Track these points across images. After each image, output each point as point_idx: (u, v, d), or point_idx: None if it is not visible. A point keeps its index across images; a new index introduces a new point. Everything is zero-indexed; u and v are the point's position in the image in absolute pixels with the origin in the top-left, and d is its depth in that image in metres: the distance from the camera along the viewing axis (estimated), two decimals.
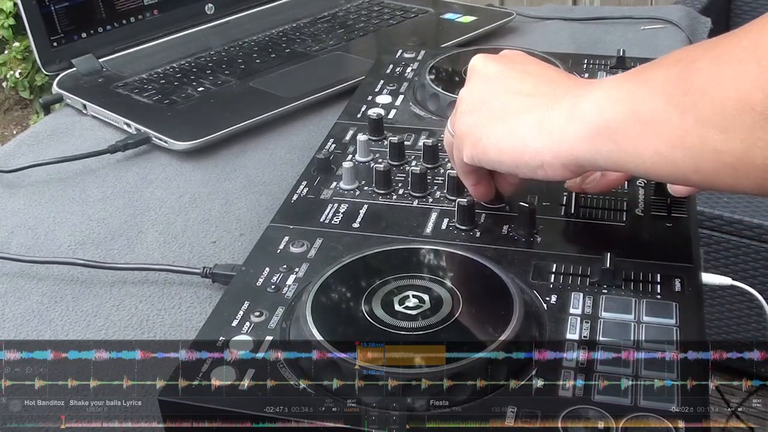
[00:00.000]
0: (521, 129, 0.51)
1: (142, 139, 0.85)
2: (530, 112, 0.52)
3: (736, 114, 0.41)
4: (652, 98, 0.45)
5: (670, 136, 0.44)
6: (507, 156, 0.52)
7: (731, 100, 0.41)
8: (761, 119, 0.40)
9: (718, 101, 0.41)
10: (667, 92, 0.44)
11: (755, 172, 0.42)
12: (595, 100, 0.48)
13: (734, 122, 0.41)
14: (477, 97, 0.56)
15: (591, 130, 0.48)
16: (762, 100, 0.40)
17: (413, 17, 1.12)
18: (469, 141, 0.55)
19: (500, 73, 0.56)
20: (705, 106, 0.42)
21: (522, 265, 0.54)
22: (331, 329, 0.48)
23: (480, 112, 0.55)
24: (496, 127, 0.53)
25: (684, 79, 0.43)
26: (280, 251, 0.57)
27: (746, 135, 0.41)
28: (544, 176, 0.51)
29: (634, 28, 1.10)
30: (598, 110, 0.47)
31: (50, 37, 0.98)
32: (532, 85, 0.54)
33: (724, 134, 0.42)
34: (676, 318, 0.49)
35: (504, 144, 0.52)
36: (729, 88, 0.41)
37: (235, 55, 1.03)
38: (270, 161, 0.82)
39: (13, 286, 0.66)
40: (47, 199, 0.78)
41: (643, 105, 0.45)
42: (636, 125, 0.46)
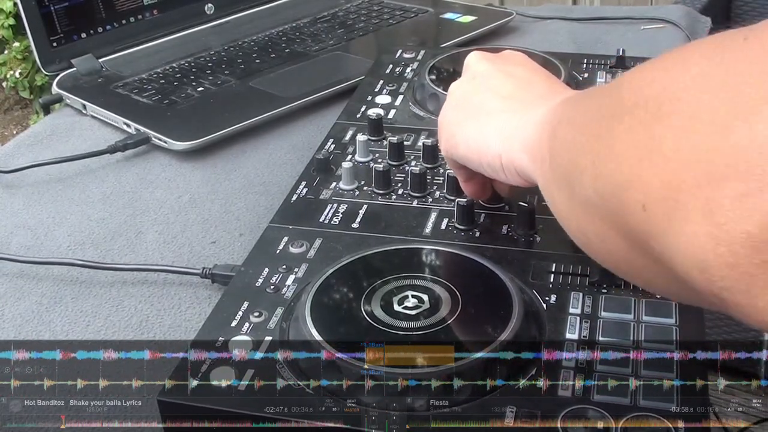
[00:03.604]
0: (488, 130, 0.52)
1: (141, 139, 0.85)
2: (500, 115, 0.52)
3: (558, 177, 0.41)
4: (546, 135, 0.45)
5: (545, 177, 0.44)
6: (473, 153, 0.53)
7: (557, 162, 0.41)
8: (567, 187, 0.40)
9: (556, 158, 0.42)
10: (547, 135, 0.44)
11: (573, 233, 0.42)
12: (535, 116, 0.47)
13: (556, 184, 0.42)
14: (462, 92, 0.57)
15: (522, 145, 0.48)
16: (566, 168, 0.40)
17: (413, 17, 1.12)
18: (445, 135, 0.56)
19: (487, 72, 0.56)
20: (552, 161, 0.43)
21: (521, 265, 0.54)
22: (330, 329, 0.48)
23: (461, 108, 0.55)
24: (468, 125, 0.54)
25: (555, 129, 0.43)
26: (279, 251, 0.57)
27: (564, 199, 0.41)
28: (506, 180, 0.51)
29: (634, 28, 1.10)
30: (531, 127, 0.47)
31: (50, 37, 0.98)
32: (512, 87, 0.54)
33: (557, 193, 0.42)
34: (675, 318, 0.49)
35: (472, 142, 0.53)
36: (560, 149, 0.41)
37: (235, 55, 1.03)
38: (269, 161, 0.82)
39: (13, 286, 0.66)
40: (47, 200, 0.78)
41: (540, 139, 0.45)
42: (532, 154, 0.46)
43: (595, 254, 0.41)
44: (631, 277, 0.41)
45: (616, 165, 0.34)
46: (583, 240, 0.41)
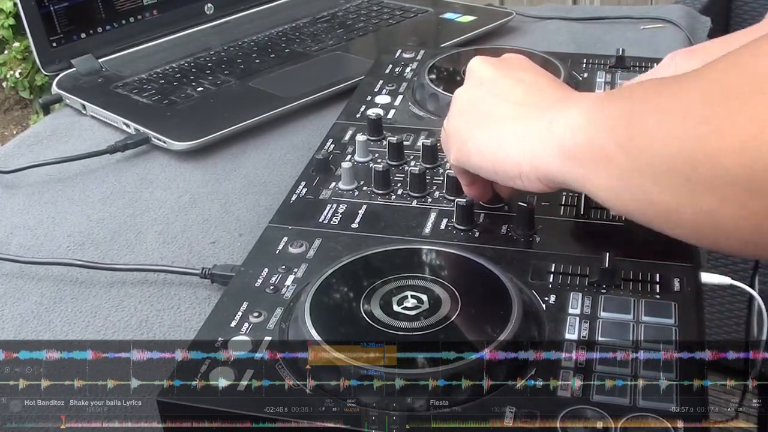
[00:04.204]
0: (504, 137, 0.52)
1: (141, 139, 0.85)
2: (515, 121, 0.52)
3: (667, 170, 0.41)
4: (604, 133, 0.45)
5: (617, 175, 0.44)
6: (488, 162, 0.53)
7: (664, 155, 0.41)
8: (685, 179, 0.40)
9: (655, 153, 0.41)
10: (617, 131, 0.44)
11: (686, 225, 0.42)
12: (567, 120, 0.47)
13: (666, 177, 0.41)
14: (469, 99, 0.56)
15: (560, 151, 0.48)
16: (688, 160, 0.39)
17: (413, 17, 1.12)
18: (456, 143, 0.55)
19: (494, 77, 0.56)
20: (643, 155, 0.42)
21: (521, 265, 0.54)
22: (329, 329, 0.48)
23: (469, 115, 0.55)
24: (481, 132, 0.53)
25: (631, 123, 0.43)
26: (278, 251, 0.57)
27: (675, 192, 0.41)
28: (522, 186, 0.52)
29: (633, 28, 1.10)
30: (569, 131, 0.47)
31: (50, 37, 0.98)
32: (523, 93, 0.54)
33: (657, 186, 0.42)
34: (675, 318, 0.49)
35: (486, 150, 0.53)
36: (663, 143, 0.41)
37: (235, 55, 1.03)
38: (269, 161, 0.82)
39: (13, 286, 0.66)
40: (47, 200, 0.78)
41: (597, 138, 0.45)
42: (592, 156, 0.46)
43: (721, 237, 0.41)
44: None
45: None
46: (703, 224, 0.41)
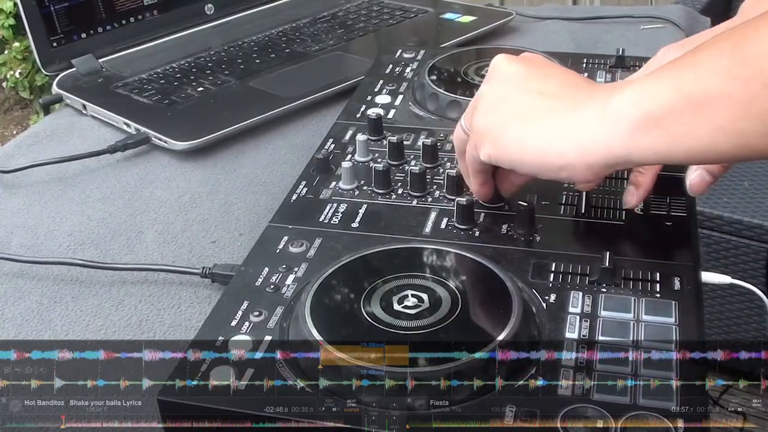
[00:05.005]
0: (546, 129, 0.51)
1: (141, 139, 0.85)
2: (556, 113, 0.51)
3: None
4: (705, 78, 0.45)
5: (734, 109, 0.44)
6: (530, 156, 0.52)
7: None
8: None
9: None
10: (722, 68, 0.44)
11: None
12: (628, 96, 0.48)
13: None
14: (498, 95, 0.55)
15: (629, 125, 0.48)
16: None
17: (413, 17, 1.12)
18: (489, 139, 0.54)
19: (523, 73, 0.55)
20: (761, 73, 0.43)
21: (521, 264, 0.54)
22: (330, 329, 0.48)
23: (501, 111, 0.54)
24: (519, 127, 0.53)
25: (739, 52, 0.44)
26: (279, 251, 0.57)
27: None
28: (567, 178, 0.52)
29: (633, 28, 1.10)
30: (634, 105, 0.48)
31: (50, 38, 0.98)
32: (557, 87, 0.53)
33: None
34: (675, 317, 0.49)
35: (527, 143, 0.52)
36: None
37: (235, 55, 1.03)
38: (269, 161, 0.82)
39: (13, 286, 0.66)
40: (47, 200, 0.78)
41: (696, 86, 0.45)
42: (689, 107, 0.46)
43: None
44: None
45: None
46: None
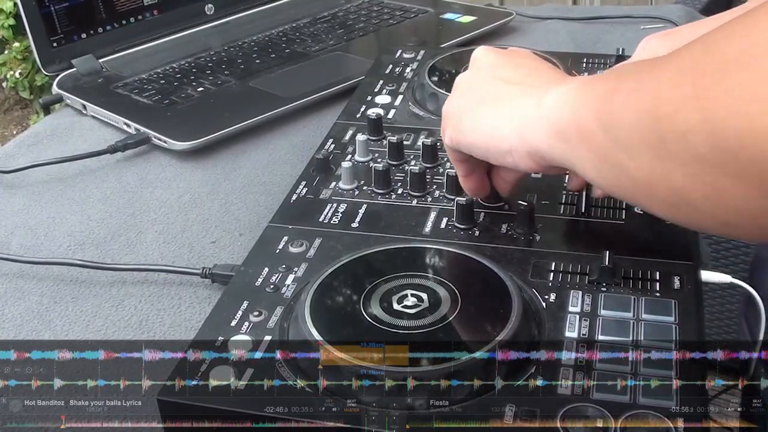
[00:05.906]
0: (498, 114, 0.52)
1: (141, 139, 0.85)
2: (510, 100, 0.52)
3: (640, 144, 0.41)
4: (587, 110, 0.45)
5: (598, 151, 0.45)
6: (480, 139, 0.53)
7: (637, 130, 0.41)
8: (656, 155, 0.40)
9: (628, 128, 0.41)
10: (597, 107, 0.45)
11: (661, 201, 0.42)
12: (557, 96, 0.48)
13: (639, 152, 0.41)
14: (468, 83, 0.57)
15: (548, 126, 0.48)
16: (659, 136, 0.39)
17: (413, 17, 1.12)
18: (451, 123, 0.56)
19: (495, 62, 0.57)
20: (618, 130, 0.42)
21: (521, 264, 0.54)
22: (330, 329, 0.48)
23: (467, 97, 0.56)
24: (476, 112, 0.54)
25: (610, 98, 0.44)
26: (279, 251, 0.57)
27: (648, 167, 0.41)
28: (513, 164, 0.52)
29: (633, 28, 1.10)
30: (555, 108, 0.48)
31: (50, 38, 0.98)
32: (522, 75, 0.54)
33: (633, 161, 0.42)
34: (675, 316, 0.49)
35: (479, 127, 0.53)
36: (636, 117, 0.41)
37: (235, 55, 1.03)
38: (269, 161, 0.82)
39: (13, 286, 0.66)
40: (47, 200, 0.78)
41: (580, 115, 0.46)
42: (576, 132, 0.46)
43: (693, 213, 0.41)
44: (744, 229, 0.41)
45: (742, 118, 0.35)
46: (675, 201, 0.41)
